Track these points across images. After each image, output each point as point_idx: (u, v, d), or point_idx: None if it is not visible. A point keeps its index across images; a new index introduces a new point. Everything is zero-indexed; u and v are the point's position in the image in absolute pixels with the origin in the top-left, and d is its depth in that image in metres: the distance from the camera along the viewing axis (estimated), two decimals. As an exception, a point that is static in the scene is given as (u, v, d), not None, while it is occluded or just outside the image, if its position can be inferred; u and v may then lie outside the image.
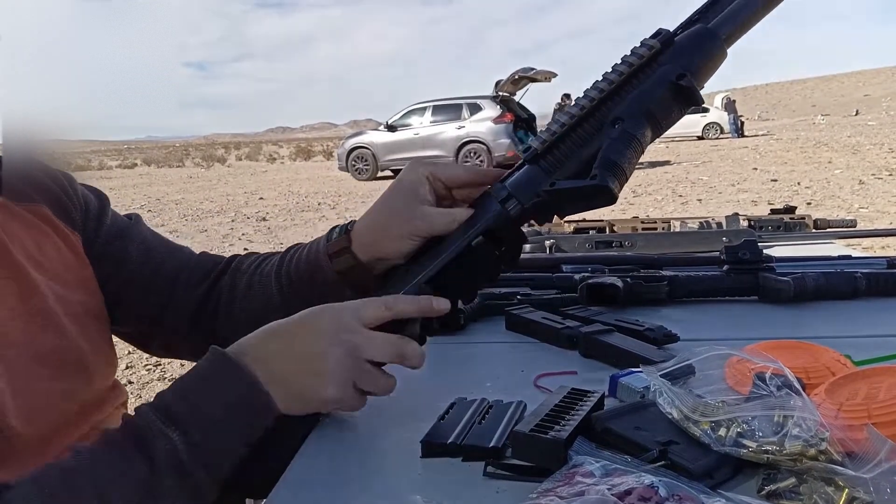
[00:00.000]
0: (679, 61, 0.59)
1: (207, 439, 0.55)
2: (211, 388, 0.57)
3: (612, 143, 0.58)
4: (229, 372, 0.58)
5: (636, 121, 0.59)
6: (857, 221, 1.56)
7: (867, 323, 0.92)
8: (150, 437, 0.54)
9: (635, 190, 9.31)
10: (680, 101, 0.60)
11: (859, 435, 0.51)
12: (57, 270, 0.72)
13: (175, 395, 0.57)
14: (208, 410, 0.56)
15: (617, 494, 0.46)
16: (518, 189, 0.63)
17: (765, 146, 16.88)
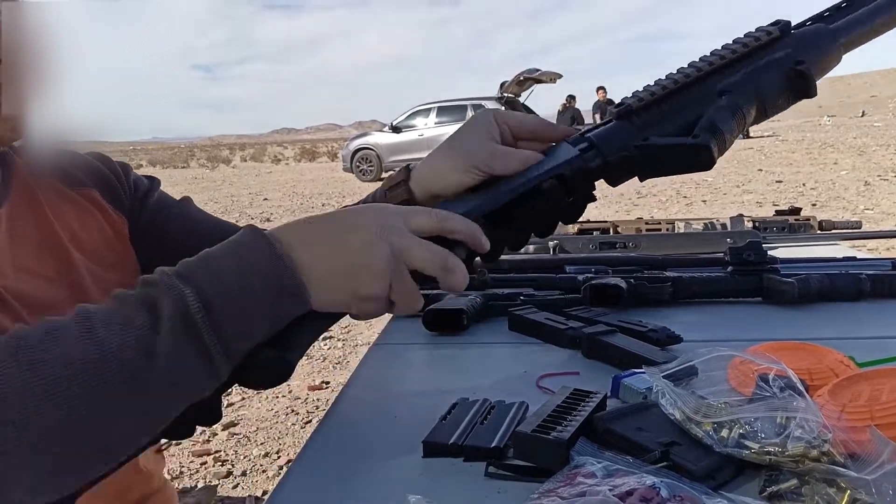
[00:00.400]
0: (797, 51, 0.60)
1: (225, 305, 0.48)
2: (237, 258, 0.50)
3: (719, 111, 0.57)
4: (260, 247, 0.51)
5: (745, 96, 0.58)
6: (862, 223, 1.55)
7: (871, 324, 0.91)
8: (161, 290, 0.47)
9: (639, 191, 9.30)
10: (793, 89, 0.60)
11: (862, 436, 0.51)
12: (97, 250, 0.74)
13: (197, 259, 0.51)
14: (231, 278, 0.49)
15: (619, 495, 0.46)
16: (603, 141, 0.60)
17: (770, 147, 16.85)
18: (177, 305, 0.47)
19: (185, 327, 0.46)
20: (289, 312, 0.51)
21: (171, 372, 0.46)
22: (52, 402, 0.42)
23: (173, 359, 0.46)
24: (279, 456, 2.59)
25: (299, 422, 2.86)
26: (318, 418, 2.83)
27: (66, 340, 0.44)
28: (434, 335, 0.95)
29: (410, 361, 0.89)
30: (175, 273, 0.49)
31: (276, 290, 0.50)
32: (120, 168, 0.81)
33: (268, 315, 0.50)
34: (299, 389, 3.18)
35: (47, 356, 0.43)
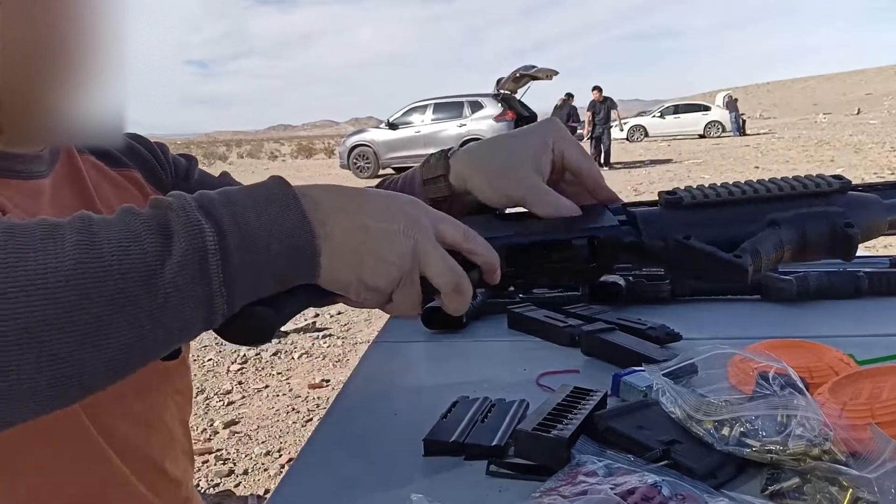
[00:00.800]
0: (850, 212, 0.62)
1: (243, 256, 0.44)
2: (263, 208, 0.47)
3: (765, 239, 0.58)
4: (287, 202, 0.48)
5: (791, 234, 0.60)
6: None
7: (870, 322, 0.92)
8: (179, 217, 0.43)
9: (637, 188, 9.30)
10: (834, 245, 0.61)
11: (863, 434, 0.51)
12: None
13: (220, 197, 0.47)
14: (254, 229, 0.45)
15: (620, 494, 0.46)
16: (645, 221, 0.61)
17: (767, 145, 16.86)
18: (193, 242, 0.43)
19: (197, 269, 0.42)
20: (297, 278, 0.48)
21: (168, 311, 0.42)
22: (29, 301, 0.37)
23: (175, 299, 0.42)
24: (280, 454, 2.59)
25: (300, 420, 2.86)
26: (318, 417, 2.83)
27: (65, 241, 0.40)
28: (433, 333, 0.95)
29: (410, 359, 0.89)
30: (197, 203, 0.45)
31: (293, 252, 0.47)
32: (158, 148, 0.81)
33: (278, 277, 0.47)
34: (300, 388, 3.18)
35: (41, 255, 0.39)
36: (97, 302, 0.39)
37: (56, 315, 0.38)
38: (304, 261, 0.48)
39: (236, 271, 0.44)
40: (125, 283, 0.40)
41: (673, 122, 24.25)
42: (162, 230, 0.42)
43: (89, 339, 0.39)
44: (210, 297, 0.43)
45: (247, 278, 0.45)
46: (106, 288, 0.39)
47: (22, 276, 0.37)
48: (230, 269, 0.44)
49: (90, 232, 0.40)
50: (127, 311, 0.40)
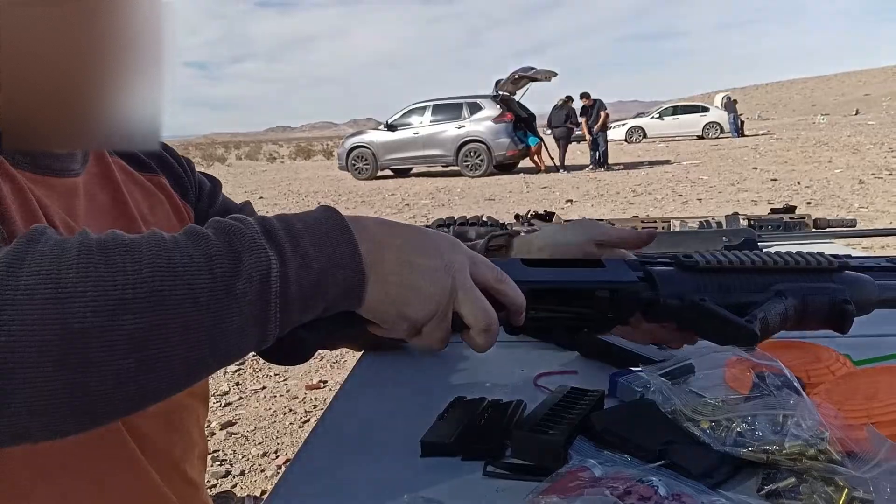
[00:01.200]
0: (847, 289, 0.68)
1: (298, 280, 0.47)
2: (317, 238, 0.49)
3: (772, 307, 0.64)
4: (342, 236, 0.50)
5: (795, 304, 0.65)
6: (857, 221, 1.56)
7: (867, 323, 0.91)
8: (247, 241, 0.46)
9: (635, 189, 9.31)
10: (830, 318, 0.67)
11: (859, 435, 0.51)
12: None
13: (280, 224, 0.49)
14: (308, 257, 0.48)
15: (616, 494, 0.46)
16: (662, 280, 0.65)
17: (765, 145, 16.88)
18: (259, 268, 0.45)
19: (258, 293, 0.45)
20: (343, 307, 0.51)
21: (228, 333, 0.44)
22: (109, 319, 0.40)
23: (237, 321, 0.44)
24: (277, 455, 2.59)
25: (297, 421, 2.86)
26: (315, 417, 2.82)
27: (141, 263, 0.42)
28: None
29: (407, 360, 0.89)
30: (261, 229, 0.47)
31: (343, 283, 0.50)
32: (185, 161, 0.82)
33: (326, 305, 0.50)
34: (297, 389, 3.17)
35: (119, 277, 0.41)
36: (170, 325, 0.42)
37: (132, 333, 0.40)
38: (352, 292, 0.51)
39: (293, 297, 0.47)
40: (197, 306, 0.43)
41: (671, 123, 24.28)
42: (232, 255, 0.45)
43: (153, 359, 0.42)
44: (266, 321, 0.46)
45: (300, 304, 0.48)
46: (179, 314, 0.42)
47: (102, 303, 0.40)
48: (288, 295, 0.46)
49: (167, 256, 0.43)
50: (192, 332, 0.43)
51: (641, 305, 0.64)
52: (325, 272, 0.48)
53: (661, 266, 0.67)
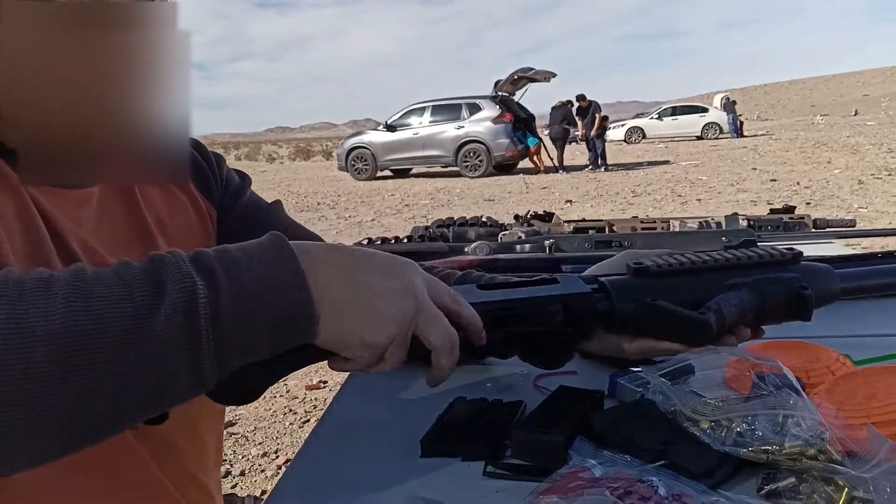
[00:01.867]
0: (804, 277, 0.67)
1: (234, 312, 0.44)
2: (254, 262, 0.47)
3: (727, 299, 0.63)
4: (284, 260, 0.48)
5: (751, 295, 0.64)
6: (856, 221, 1.56)
7: (867, 323, 0.92)
8: (172, 272, 0.43)
9: (635, 190, 9.31)
10: (789, 307, 0.66)
11: (859, 434, 0.51)
12: (182, 240, 0.74)
13: (216, 253, 0.47)
14: (248, 284, 0.45)
15: (616, 494, 0.46)
16: (615, 288, 0.64)
17: (764, 146, 16.89)
18: (183, 294, 0.43)
19: (184, 321, 0.42)
20: (293, 334, 0.48)
21: (155, 364, 0.42)
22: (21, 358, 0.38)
23: (162, 350, 0.42)
24: (277, 455, 2.59)
25: (297, 421, 2.86)
26: (315, 418, 2.82)
27: (56, 297, 0.40)
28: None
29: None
30: (190, 258, 0.45)
31: (287, 307, 0.47)
32: (214, 158, 0.81)
33: (271, 333, 0.46)
34: (297, 389, 3.17)
35: (31, 310, 0.39)
36: (87, 357, 0.39)
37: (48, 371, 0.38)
38: (299, 316, 0.47)
39: (227, 324, 0.44)
40: (116, 338, 0.40)
41: (671, 123, 24.30)
42: (155, 284, 0.43)
43: (80, 395, 0.40)
44: (198, 351, 0.43)
45: (238, 332, 0.45)
46: (97, 346, 0.40)
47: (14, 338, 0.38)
48: (220, 322, 0.44)
49: (84, 289, 0.41)
50: (114, 365, 0.40)
51: (599, 317, 0.64)
52: (265, 296, 0.45)
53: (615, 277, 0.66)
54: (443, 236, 1.48)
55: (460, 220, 1.54)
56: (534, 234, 1.42)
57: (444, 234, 1.49)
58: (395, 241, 1.43)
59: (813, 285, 0.66)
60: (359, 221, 7.95)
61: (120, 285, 0.42)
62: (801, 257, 0.69)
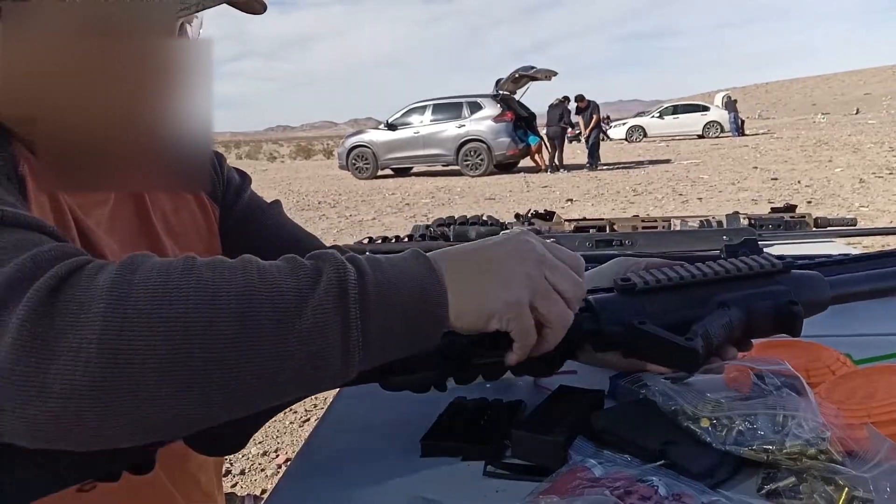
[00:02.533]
0: (793, 289, 0.66)
1: (376, 289, 0.49)
2: (393, 259, 0.53)
3: (714, 321, 0.61)
4: (415, 254, 0.53)
5: (739, 313, 0.63)
6: (857, 220, 1.56)
7: (867, 322, 0.92)
8: (328, 259, 0.50)
9: (635, 189, 9.30)
10: (778, 321, 0.65)
11: (859, 434, 0.51)
12: (187, 236, 0.75)
13: (365, 256, 0.53)
14: (386, 273, 0.51)
15: (617, 494, 0.46)
16: (602, 308, 0.62)
17: (765, 145, 16.88)
18: (337, 275, 0.48)
19: (338, 297, 0.47)
20: (426, 316, 0.52)
21: (313, 333, 0.46)
22: (207, 314, 0.44)
23: (320, 321, 0.47)
24: (277, 454, 2.59)
25: (297, 420, 2.86)
26: (316, 417, 2.83)
27: (235, 271, 0.46)
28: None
29: (408, 360, 0.89)
30: (343, 254, 0.51)
31: (421, 292, 0.51)
32: (215, 156, 0.82)
33: (407, 316, 0.51)
34: (296, 388, 3.17)
35: (217, 278, 0.45)
36: (260, 318, 0.45)
37: (228, 327, 0.44)
38: (433, 299, 0.52)
39: (371, 305, 0.49)
40: (282, 305, 0.46)
41: (672, 122, 24.28)
42: (315, 269, 0.49)
43: (250, 351, 0.45)
44: (348, 326, 0.48)
45: (380, 312, 0.49)
46: (268, 306, 0.45)
47: (203, 295, 0.44)
48: (366, 302, 0.49)
49: (255, 268, 0.47)
50: (280, 328, 0.45)
51: (585, 336, 0.62)
52: (402, 282, 0.51)
53: (602, 293, 0.65)
54: (444, 235, 1.48)
55: (461, 219, 1.54)
56: (535, 233, 1.42)
57: (444, 233, 1.49)
58: (395, 240, 1.43)
59: (803, 297, 0.66)
60: (360, 220, 7.95)
61: (287, 266, 0.48)
62: (791, 267, 0.68)
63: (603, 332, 0.61)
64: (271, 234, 0.82)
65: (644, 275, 0.64)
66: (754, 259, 0.67)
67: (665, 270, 0.65)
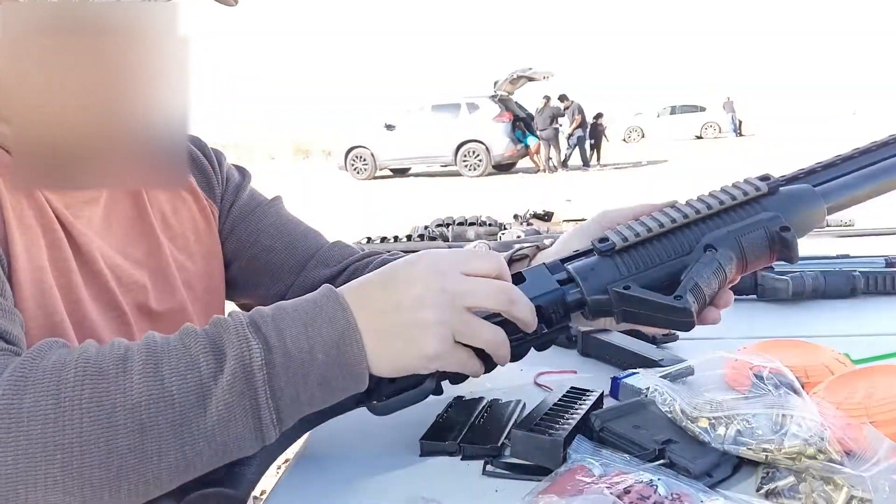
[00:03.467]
0: (783, 212, 0.61)
1: (287, 365, 0.48)
2: (307, 320, 0.50)
3: (703, 269, 0.57)
4: (330, 309, 0.51)
5: (729, 254, 0.59)
6: (854, 221, 1.56)
7: (865, 321, 0.92)
8: (231, 336, 0.48)
9: (634, 189, 9.30)
10: (774, 250, 0.60)
11: (858, 434, 0.51)
12: (185, 236, 0.75)
13: (271, 311, 0.51)
14: (298, 340, 0.49)
15: (616, 493, 0.47)
16: (584, 276, 0.59)
17: (764, 145, 16.89)
18: (240, 355, 0.47)
19: (244, 384, 0.47)
20: (343, 384, 0.51)
21: (220, 426, 0.46)
22: (102, 434, 0.44)
23: (225, 415, 0.46)
24: (275, 455, 2.58)
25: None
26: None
27: (132, 373, 0.45)
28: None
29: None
30: (248, 320, 0.50)
31: (338, 359, 0.50)
32: (214, 155, 0.82)
33: (322, 382, 0.50)
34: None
35: (112, 387, 0.45)
36: (161, 426, 0.45)
37: (127, 441, 0.44)
38: (349, 362, 0.50)
39: (282, 380, 0.48)
40: (185, 406, 0.46)
41: (670, 122, 24.28)
42: (216, 351, 0.47)
43: (153, 458, 0.45)
44: (257, 409, 0.47)
45: (292, 385, 0.49)
46: (168, 413, 0.45)
47: (99, 413, 0.44)
48: (275, 379, 0.48)
49: (154, 362, 0.46)
50: (184, 431, 0.45)
51: (572, 308, 0.59)
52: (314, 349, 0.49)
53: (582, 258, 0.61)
54: (442, 236, 1.48)
55: (459, 220, 1.54)
56: (533, 233, 1.42)
57: (443, 233, 1.49)
58: (395, 240, 1.43)
59: (795, 216, 0.61)
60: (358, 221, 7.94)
61: (186, 356, 0.47)
62: (777, 188, 0.62)
63: (587, 302, 0.59)
64: (273, 232, 0.82)
65: (623, 230, 0.60)
66: (736, 186, 0.62)
67: (644, 220, 0.61)
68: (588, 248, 0.62)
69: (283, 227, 0.83)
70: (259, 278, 0.81)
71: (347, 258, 0.83)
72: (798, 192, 0.63)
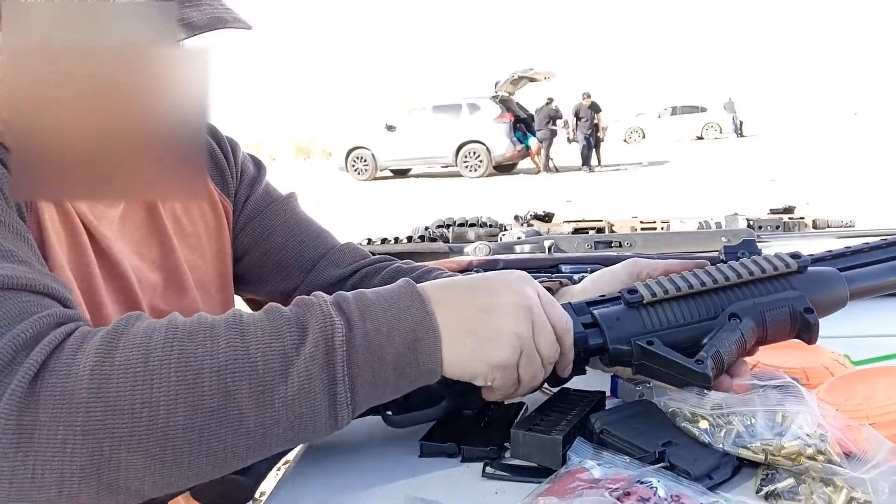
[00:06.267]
0: (808, 292, 0.62)
1: (366, 346, 0.49)
2: (386, 304, 0.52)
3: (726, 338, 0.59)
4: (408, 299, 0.53)
5: (751, 325, 0.60)
6: (855, 221, 1.56)
7: (866, 323, 0.92)
8: (315, 312, 0.50)
9: (634, 189, 9.30)
10: (795, 329, 0.62)
11: (858, 435, 0.51)
12: (197, 236, 0.75)
13: (355, 295, 0.53)
14: (377, 321, 0.51)
15: (616, 495, 0.47)
16: (609, 324, 0.60)
17: (764, 145, 16.89)
18: (323, 330, 0.49)
19: (325, 357, 0.48)
20: (419, 369, 0.52)
21: (300, 397, 0.47)
22: (189, 394, 0.45)
23: (306, 385, 0.47)
24: (275, 456, 2.59)
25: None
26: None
27: (219, 339, 0.47)
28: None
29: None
30: (332, 300, 0.51)
31: (413, 343, 0.51)
32: (229, 145, 0.81)
33: (399, 367, 0.51)
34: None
35: (199, 350, 0.46)
36: (243, 392, 0.46)
37: (211, 403, 0.45)
38: (425, 351, 0.52)
39: (360, 360, 0.49)
40: (266, 374, 0.47)
41: (671, 123, 24.28)
42: (300, 325, 0.49)
43: (234, 423, 0.46)
44: (334, 386, 0.48)
45: (369, 367, 0.50)
46: (252, 379, 0.46)
47: (186, 373, 0.45)
48: (355, 357, 0.50)
49: (240, 331, 0.48)
50: (265, 398, 0.46)
51: (592, 352, 0.61)
52: (393, 333, 0.51)
53: (609, 305, 0.62)
54: (442, 237, 1.48)
55: (460, 221, 1.54)
56: (534, 234, 1.42)
57: (443, 234, 1.49)
58: (395, 242, 1.43)
59: (819, 297, 0.63)
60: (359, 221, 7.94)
61: (271, 327, 0.48)
62: (806, 267, 0.64)
63: (609, 350, 0.60)
64: (285, 230, 0.82)
65: (652, 285, 0.61)
66: (767, 260, 0.63)
67: (674, 279, 0.62)
68: (615, 295, 0.63)
69: (297, 225, 0.83)
70: (269, 275, 0.82)
71: (358, 261, 0.83)
72: (825, 274, 0.65)
